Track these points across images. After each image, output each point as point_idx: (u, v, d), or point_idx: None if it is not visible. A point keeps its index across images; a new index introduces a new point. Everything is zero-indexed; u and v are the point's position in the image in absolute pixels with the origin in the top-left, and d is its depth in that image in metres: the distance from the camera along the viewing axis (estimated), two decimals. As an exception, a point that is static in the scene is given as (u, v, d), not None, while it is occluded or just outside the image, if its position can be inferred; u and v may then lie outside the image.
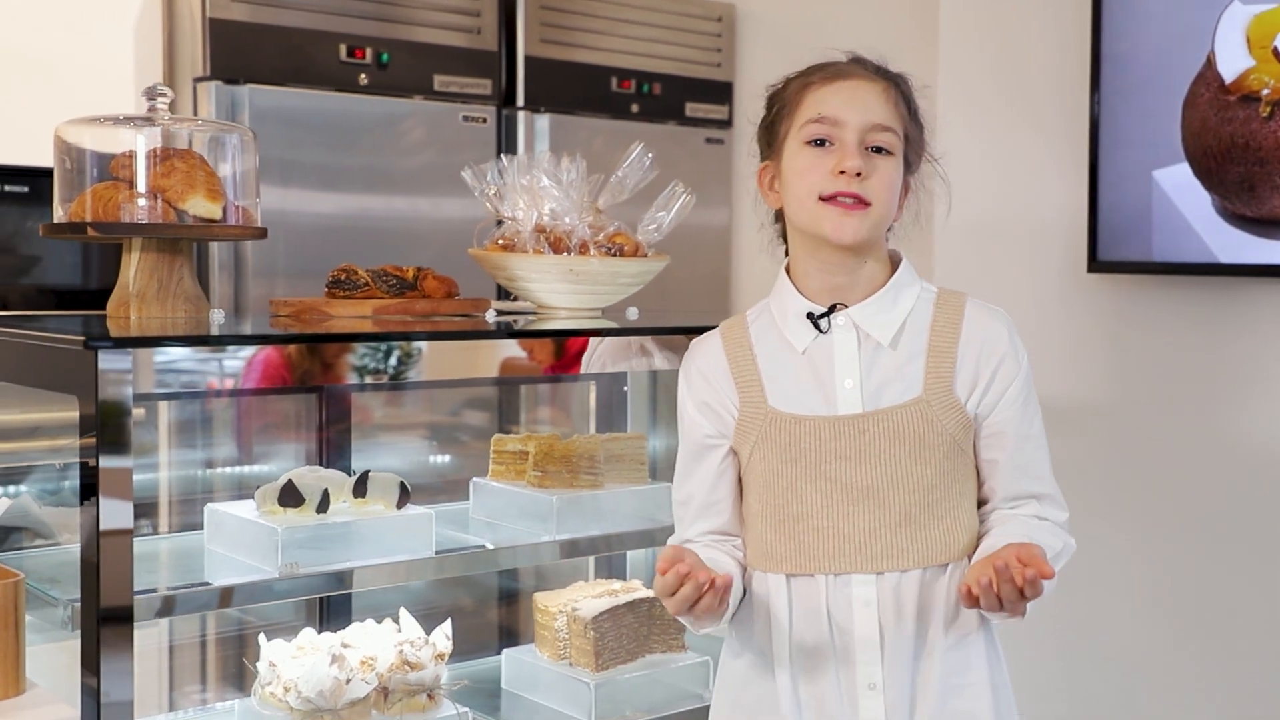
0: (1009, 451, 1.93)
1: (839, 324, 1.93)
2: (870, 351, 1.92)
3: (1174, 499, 3.53)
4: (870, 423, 1.89)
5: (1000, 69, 3.82)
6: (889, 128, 1.91)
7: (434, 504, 2.74)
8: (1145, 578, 3.59)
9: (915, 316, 1.94)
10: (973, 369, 1.92)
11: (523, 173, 2.72)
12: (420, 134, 4.05)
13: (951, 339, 1.93)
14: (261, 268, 3.79)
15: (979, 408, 1.92)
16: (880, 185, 1.89)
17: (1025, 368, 1.95)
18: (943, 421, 1.89)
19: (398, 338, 2.17)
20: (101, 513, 1.81)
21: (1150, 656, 3.57)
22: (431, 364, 2.29)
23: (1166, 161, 3.38)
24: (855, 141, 1.88)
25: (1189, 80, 3.33)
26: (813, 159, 1.90)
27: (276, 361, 2.14)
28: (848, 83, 1.93)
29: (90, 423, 1.82)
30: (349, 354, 2.17)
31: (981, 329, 1.94)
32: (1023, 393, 1.94)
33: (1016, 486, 1.95)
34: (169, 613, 2.05)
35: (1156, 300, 3.53)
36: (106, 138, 2.36)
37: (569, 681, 2.53)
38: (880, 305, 1.93)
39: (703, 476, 1.99)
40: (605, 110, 4.40)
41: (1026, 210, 3.76)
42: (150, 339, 1.94)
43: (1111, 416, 3.63)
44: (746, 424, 1.94)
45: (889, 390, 1.90)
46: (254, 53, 3.77)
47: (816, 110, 1.91)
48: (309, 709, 2.19)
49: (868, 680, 1.88)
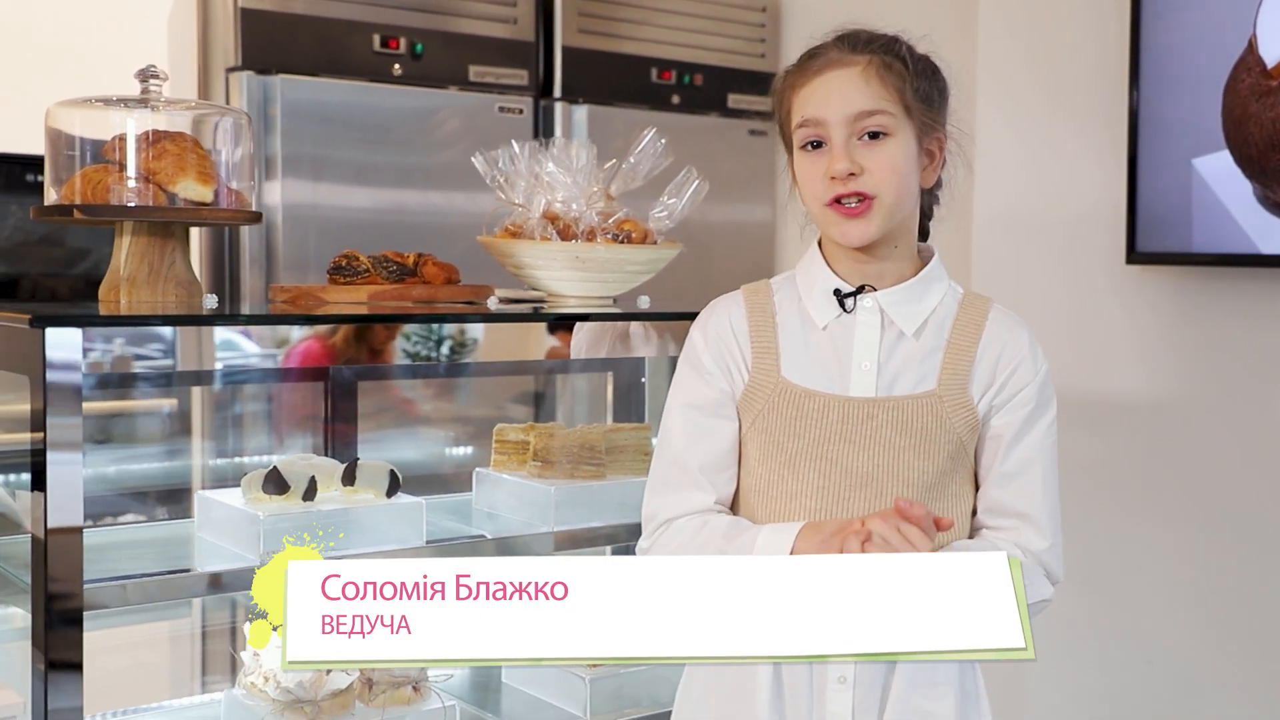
0: (1003, 459, 1.86)
1: (865, 306, 1.87)
2: (892, 339, 1.86)
3: (1217, 498, 3.42)
4: (880, 409, 1.83)
5: (1038, 57, 3.74)
6: (876, 110, 1.81)
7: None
8: (1188, 579, 3.48)
9: (940, 312, 1.89)
10: (989, 371, 1.86)
11: (533, 159, 2.68)
12: (455, 125, 4.02)
13: (973, 338, 1.87)
14: (293, 261, 3.77)
15: (989, 409, 1.86)
16: (881, 173, 1.80)
17: (1042, 378, 1.88)
18: (952, 419, 1.84)
19: (354, 320, 2.14)
20: (50, 498, 1.77)
21: (1194, 660, 3.47)
22: (415, 347, 2.25)
23: (1207, 149, 3.28)
24: (842, 140, 1.81)
25: (1230, 65, 3.23)
26: (810, 164, 1.84)
27: (317, 350, 2.15)
28: (824, 76, 1.84)
29: (39, 403, 1.79)
30: (345, 337, 2.15)
31: (1004, 332, 1.88)
32: (1033, 402, 1.87)
33: (1002, 498, 1.87)
34: (123, 602, 2.00)
35: (1196, 292, 3.43)
36: (97, 120, 2.34)
37: (565, 677, 2.48)
38: (909, 294, 1.88)
39: (718, 438, 1.89)
40: (645, 101, 4.35)
41: (1064, 201, 3.67)
42: (98, 318, 1.90)
43: (1151, 412, 3.53)
44: (755, 390, 1.87)
45: (903, 380, 1.85)
46: (286, 43, 3.75)
47: (801, 114, 1.84)
48: (289, 699, 2.16)
49: (838, 674, 1.82)
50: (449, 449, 3.66)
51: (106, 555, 2.20)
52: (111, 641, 2.86)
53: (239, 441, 3.34)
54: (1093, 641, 3.62)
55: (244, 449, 3.32)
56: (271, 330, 2.25)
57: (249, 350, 2.50)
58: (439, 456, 3.62)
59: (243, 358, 2.46)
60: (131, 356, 2.00)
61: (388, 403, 3.54)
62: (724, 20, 4.53)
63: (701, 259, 3.91)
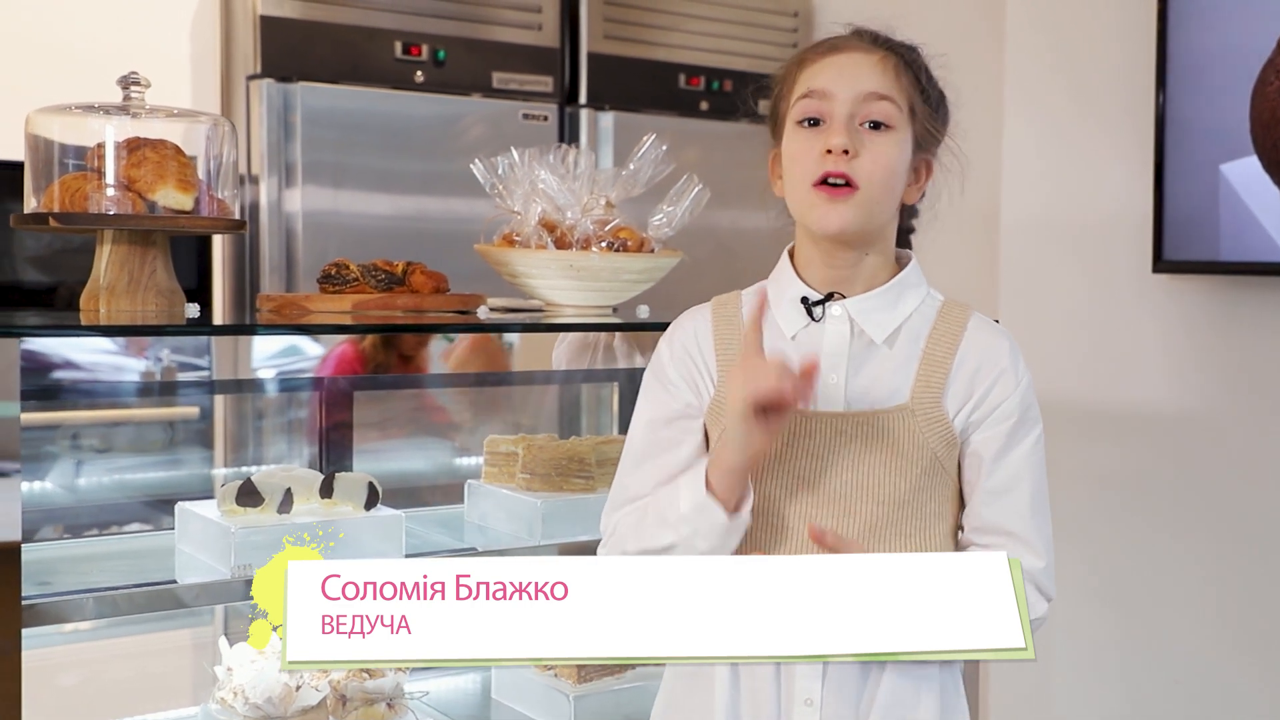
0: (988, 475, 1.78)
1: (834, 314, 1.80)
2: (862, 349, 1.79)
3: (1246, 513, 3.32)
4: (849, 424, 1.75)
5: (1064, 62, 3.66)
6: (886, 96, 1.75)
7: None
8: (1213, 595, 3.38)
9: (915, 321, 1.81)
10: (967, 384, 1.78)
11: (531, 167, 2.64)
12: (478, 133, 3.98)
13: (949, 349, 1.79)
14: (313, 269, 3.74)
15: (967, 425, 1.78)
16: (873, 165, 1.74)
17: (1024, 390, 1.79)
18: (925, 434, 1.76)
19: (299, 331, 2.11)
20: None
21: (1222, 681, 3.37)
22: (399, 357, 2.23)
23: (1235, 154, 3.19)
24: (845, 115, 1.74)
25: (1257, 68, 3.13)
26: (805, 141, 1.76)
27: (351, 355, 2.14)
28: (841, 55, 1.78)
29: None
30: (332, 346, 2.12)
31: (982, 343, 1.80)
32: (1015, 414, 1.78)
33: (989, 516, 1.78)
34: (83, 617, 1.98)
35: (1224, 301, 3.33)
36: (77, 127, 2.32)
37: (550, 693, 2.44)
38: (881, 301, 1.80)
39: (678, 452, 1.82)
40: (673, 108, 4.30)
41: (1090, 208, 3.58)
42: (36, 329, 1.87)
43: (1178, 423, 3.44)
44: (722, 403, 1.80)
45: (874, 392, 1.77)
46: (307, 50, 3.73)
47: (808, 85, 1.77)
48: (258, 716, 2.12)
49: (805, 695, 1.75)
50: (455, 459, 3.62)
51: (79, 568, 2.18)
52: (84, 656, 2.84)
53: (236, 452, 3.32)
54: (1119, 660, 3.53)
55: (244, 459, 3.31)
56: (261, 339, 2.23)
57: (242, 360, 2.48)
58: (444, 467, 3.58)
59: (233, 367, 2.44)
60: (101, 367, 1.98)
61: (390, 412, 3.51)
62: (754, 25, 4.47)
63: (730, 266, 3.85)
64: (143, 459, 3.23)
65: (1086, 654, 3.54)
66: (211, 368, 2.37)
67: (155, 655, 2.86)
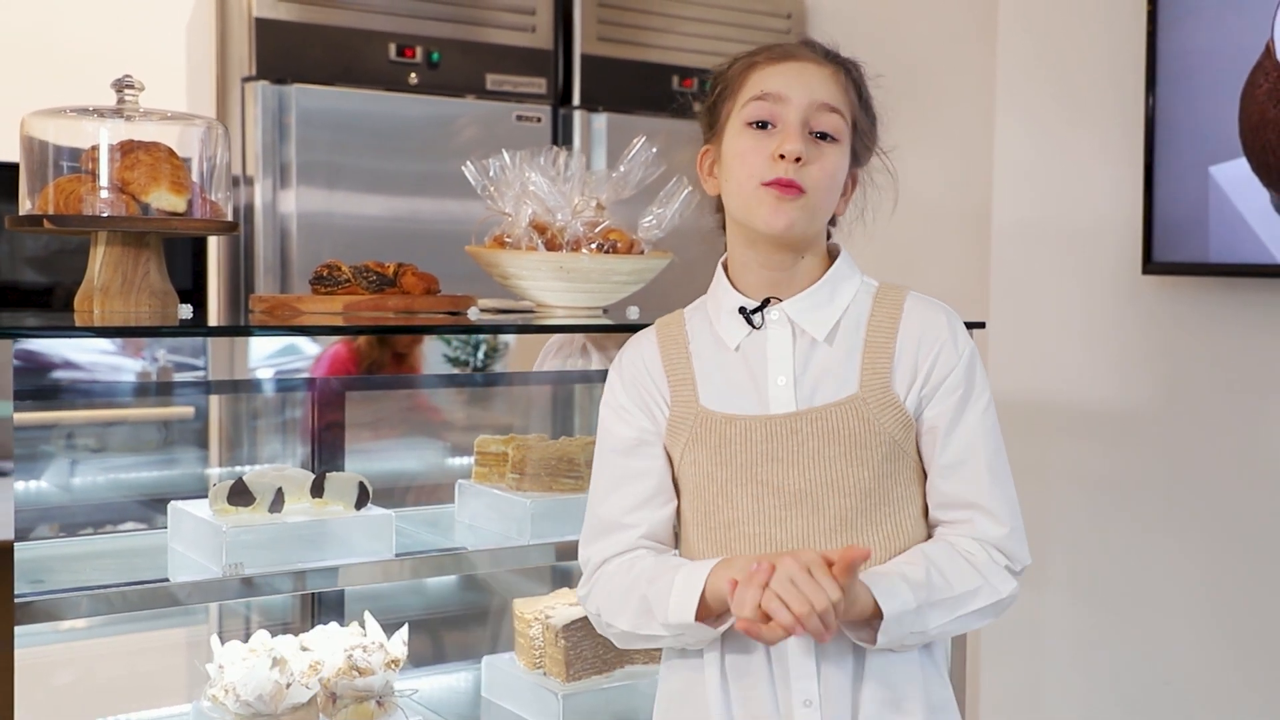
0: (942, 450, 1.80)
1: (773, 319, 1.83)
2: (805, 348, 1.81)
3: (1234, 513, 3.34)
4: (803, 422, 1.78)
5: (1055, 65, 3.67)
6: (836, 109, 1.80)
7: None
8: (1203, 596, 3.40)
9: (853, 311, 1.84)
10: (911, 363, 1.80)
11: (521, 169, 2.65)
12: (472, 134, 4.00)
13: (889, 333, 1.81)
14: (306, 270, 3.76)
15: (919, 402, 1.80)
16: (820, 174, 1.78)
17: (967, 360, 1.82)
18: (880, 420, 1.78)
19: (290, 332, 2.13)
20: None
21: (1213, 681, 3.38)
22: (393, 357, 2.24)
23: (1224, 156, 3.20)
24: (798, 122, 1.77)
25: (1247, 70, 3.15)
26: (753, 141, 1.79)
27: (343, 356, 2.15)
28: (794, 63, 1.83)
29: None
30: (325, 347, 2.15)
31: (920, 320, 1.82)
32: (962, 385, 1.81)
33: (949, 490, 1.81)
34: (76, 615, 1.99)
35: (1214, 303, 3.35)
36: (71, 129, 2.34)
37: (539, 691, 2.45)
38: (816, 300, 1.83)
39: (642, 480, 1.86)
40: (666, 109, 4.30)
41: (1080, 210, 3.60)
42: (22, 330, 1.88)
43: (1167, 425, 3.46)
44: (678, 424, 1.84)
45: (823, 388, 1.79)
46: (301, 52, 3.75)
47: (761, 88, 1.80)
48: (249, 713, 2.14)
49: (803, 697, 1.77)
50: (446, 459, 3.64)
51: (71, 566, 2.20)
52: (77, 654, 2.86)
53: (229, 451, 3.34)
54: (1109, 661, 3.54)
55: (238, 459, 3.32)
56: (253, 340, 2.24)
57: (235, 360, 2.49)
58: (435, 467, 3.60)
59: (226, 368, 2.46)
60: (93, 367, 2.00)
61: (383, 412, 3.53)
62: (746, 27, 4.48)
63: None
64: (136, 459, 3.25)
65: (1077, 653, 3.56)
66: (205, 368, 2.38)
67: (147, 653, 2.87)
